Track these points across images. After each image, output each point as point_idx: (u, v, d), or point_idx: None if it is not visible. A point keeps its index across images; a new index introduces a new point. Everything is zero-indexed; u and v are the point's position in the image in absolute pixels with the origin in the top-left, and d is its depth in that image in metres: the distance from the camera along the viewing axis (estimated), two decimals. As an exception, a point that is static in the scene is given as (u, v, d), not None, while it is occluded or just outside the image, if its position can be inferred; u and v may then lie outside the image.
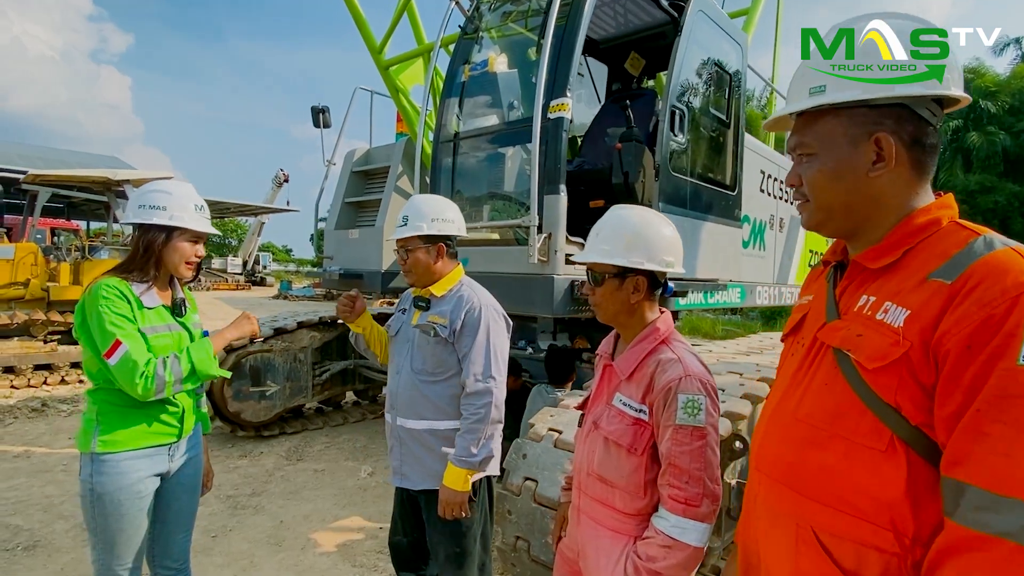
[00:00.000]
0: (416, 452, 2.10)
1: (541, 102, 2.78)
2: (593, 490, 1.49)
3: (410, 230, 2.07)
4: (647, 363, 1.45)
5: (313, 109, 5.69)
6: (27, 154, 26.23)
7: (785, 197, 5.54)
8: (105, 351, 1.72)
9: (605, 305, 1.51)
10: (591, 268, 1.51)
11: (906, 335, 0.87)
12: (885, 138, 0.95)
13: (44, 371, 7.55)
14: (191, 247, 1.92)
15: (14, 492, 4.07)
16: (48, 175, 8.59)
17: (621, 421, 1.43)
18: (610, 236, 1.48)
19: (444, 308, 2.09)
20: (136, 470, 1.81)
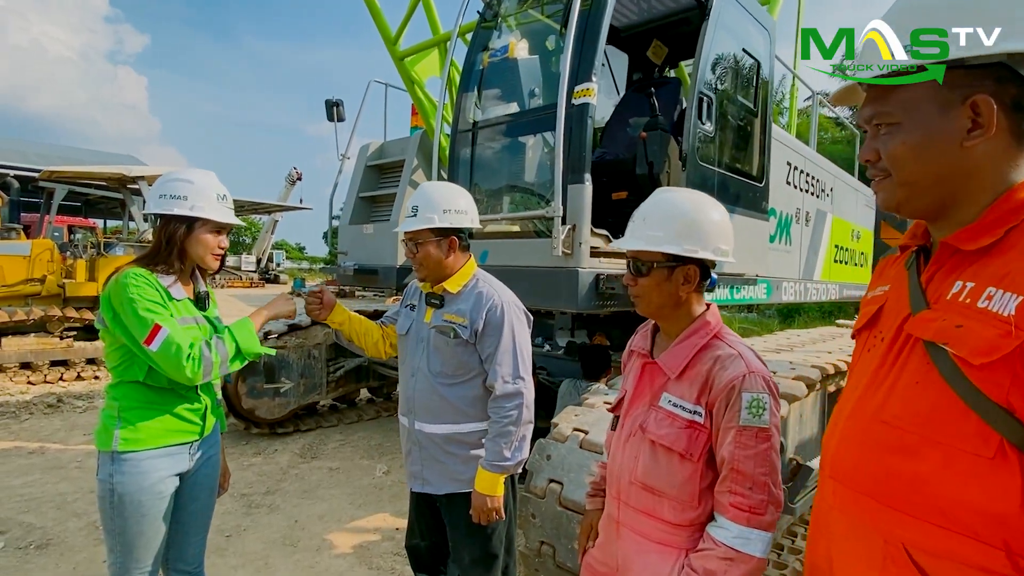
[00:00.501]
0: (437, 456, 1.99)
1: (566, 87, 2.66)
2: (637, 500, 1.36)
3: (420, 222, 1.92)
4: (701, 360, 1.32)
5: (327, 103, 5.60)
6: (46, 153, 26.58)
7: (811, 190, 5.37)
8: (144, 338, 1.64)
9: (649, 297, 1.37)
10: (635, 256, 1.37)
11: (1019, 324, 0.75)
12: (985, 100, 0.82)
13: (60, 367, 7.58)
14: (214, 238, 1.86)
15: (28, 489, 4.03)
16: (63, 171, 8.60)
17: (672, 424, 1.31)
18: (661, 221, 1.34)
19: (462, 306, 1.96)
20: (157, 469, 1.74)
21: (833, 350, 3.73)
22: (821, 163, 5.72)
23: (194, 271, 1.94)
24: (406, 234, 1.95)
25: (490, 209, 3.35)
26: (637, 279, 1.38)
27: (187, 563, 1.94)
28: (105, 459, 1.74)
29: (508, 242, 3.18)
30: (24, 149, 26.00)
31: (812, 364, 3.00)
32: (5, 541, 3.26)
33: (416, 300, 2.13)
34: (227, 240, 1.92)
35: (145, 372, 1.73)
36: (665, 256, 1.33)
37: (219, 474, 2.03)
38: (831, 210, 5.93)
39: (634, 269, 1.38)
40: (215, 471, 1.98)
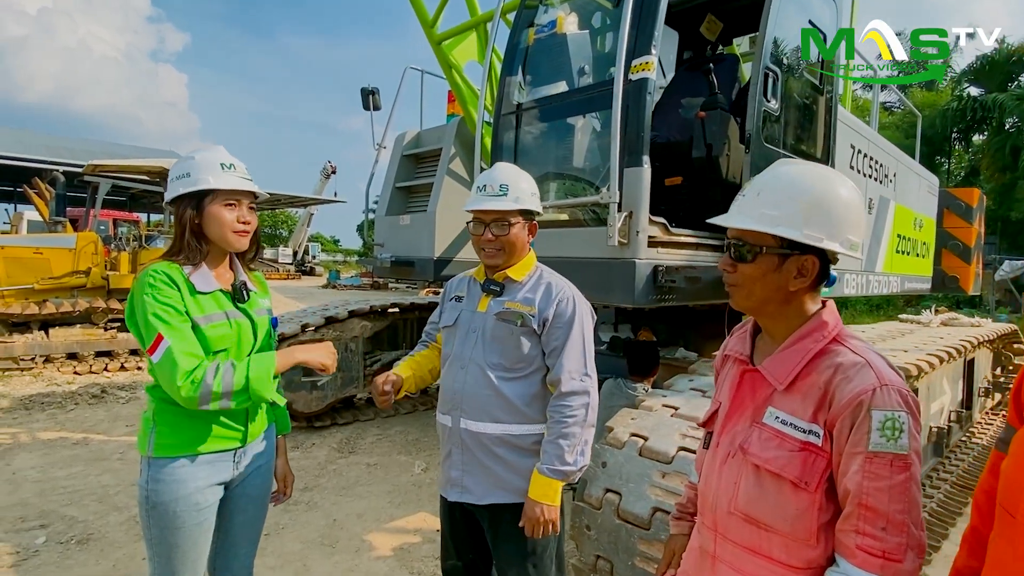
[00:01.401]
0: (483, 461, 1.79)
1: (624, 60, 2.43)
2: (738, 534, 1.15)
3: (512, 202, 1.76)
4: (817, 368, 1.09)
5: (363, 91, 5.48)
6: (92, 150, 27.46)
7: (875, 175, 5.00)
8: (148, 346, 1.50)
9: (750, 288, 1.14)
10: (739, 237, 1.14)
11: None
12: None
13: (104, 357, 7.72)
14: (229, 211, 1.62)
15: (71, 481, 4.04)
16: (106, 165, 8.75)
17: (781, 446, 1.09)
18: (780, 199, 1.10)
19: (528, 296, 1.80)
20: (195, 478, 1.59)
21: (908, 348, 3.42)
22: (884, 146, 5.33)
23: (232, 259, 1.75)
24: (488, 214, 1.77)
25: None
26: (737, 265, 1.14)
27: (233, 575, 1.80)
28: (143, 464, 1.61)
29: (556, 231, 2.96)
30: (72, 147, 26.95)
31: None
32: (47, 535, 3.25)
33: (463, 291, 1.95)
34: (251, 214, 1.68)
35: None
36: (778, 241, 1.09)
37: (270, 482, 1.87)
38: (894, 197, 5.54)
39: (735, 253, 1.14)
40: (266, 480, 1.82)
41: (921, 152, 21.10)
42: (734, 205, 1.17)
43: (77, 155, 24.02)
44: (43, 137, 27.50)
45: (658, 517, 2.03)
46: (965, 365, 4.76)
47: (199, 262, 1.63)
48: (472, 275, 1.96)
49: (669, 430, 2.28)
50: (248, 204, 1.68)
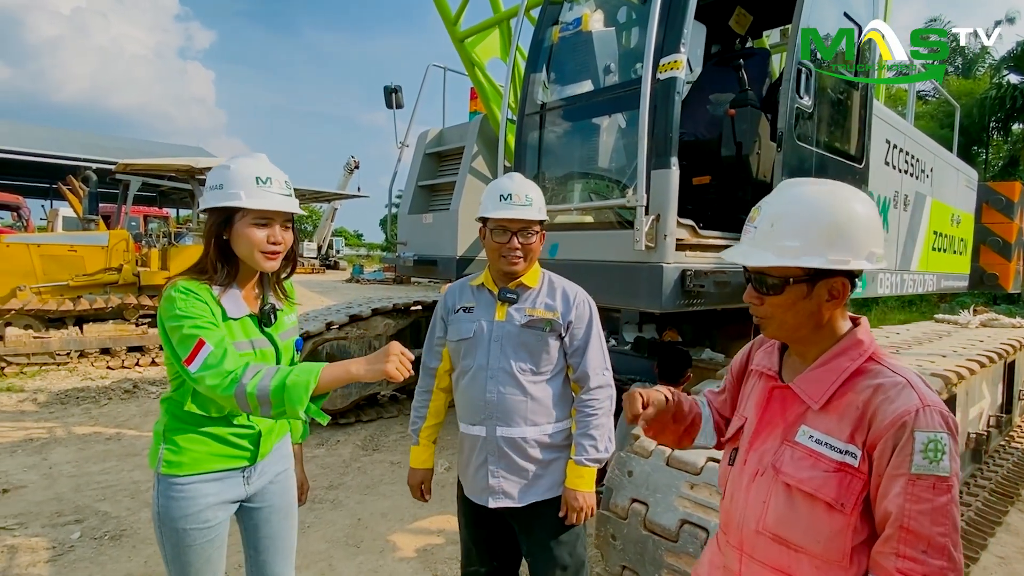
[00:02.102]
0: (520, 464, 1.83)
1: (651, 59, 2.37)
2: (765, 554, 1.12)
3: (537, 212, 1.84)
4: (854, 388, 1.06)
5: (386, 89, 5.47)
6: (125, 147, 28.14)
7: (910, 171, 4.83)
8: (186, 357, 1.40)
9: (782, 318, 1.11)
10: (762, 271, 1.10)
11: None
12: None
13: (136, 352, 7.91)
14: (260, 231, 1.50)
15: (105, 476, 4.14)
16: (136, 164, 8.92)
17: (816, 466, 1.06)
18: (797, 228, 1.06)
19: (548, 302, 1.85)
20: (204, 495, 1.55)
21: (947, 352, 3.30)
22: (921, 140, 5.15)
23: (263, 278, 1.66)
24: (514, 222, 1.79)
25: (560, 198, 3.09)
26: (764, 298, 1.11)
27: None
28: (155, 480, 1.58)
29: (581, 234, 2.92)
30: (104, 144, 27.60)
31: (932, 372, 2.62)
32: (81, 530, 3.33)
33: (470, 302, 1.92)
34: (285, 233, 1.55)
35: (191, 394, 1.54)
36: (804, 270, 1.06)
37: (293, 492, 1.82)
38: (930, 192, 5.35)
39: (761, 287, 1.11)
40: (287, 491, 1.77)
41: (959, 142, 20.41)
42: (746, 237, 1.12)
43: (110, 152, 24.60)
44: (78, 135, 28.25)
45: (686, 529, 1.99)
46: (1005, 368, 4.59)
47: (228, 283, 1.54)
48: (473, 284, 1.95)
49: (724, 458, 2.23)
50: (282, 223, 1.56)
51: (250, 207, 1.48)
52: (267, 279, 1.67)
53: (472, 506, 1.94)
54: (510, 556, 2.00)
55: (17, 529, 3.34)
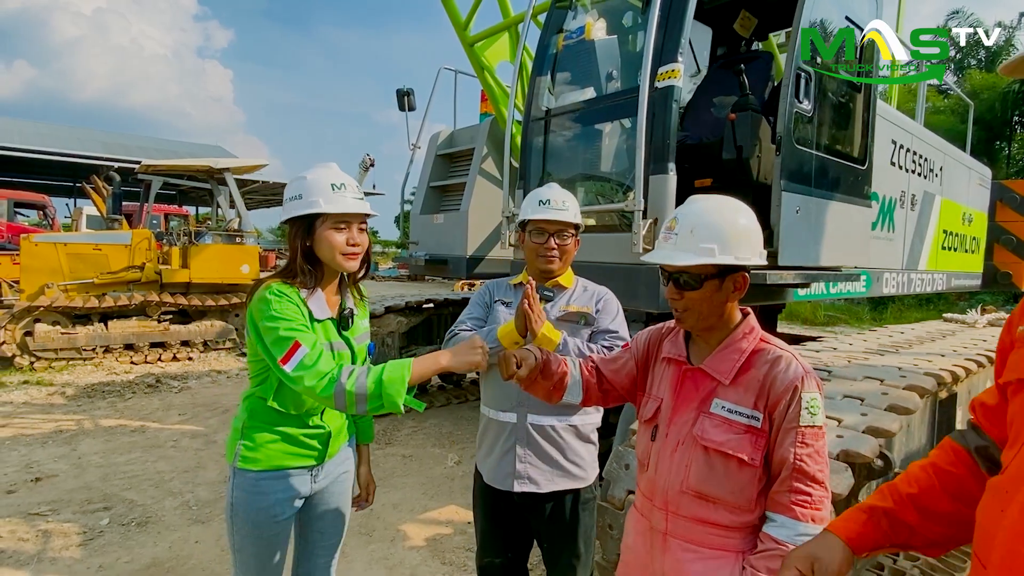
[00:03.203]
0: (548, 451, 1.94)
1: (649, 68, 2.45)
2: (688, 509, 1.34)
3: (573, 216, 1.99)
4: (754, 364, 1.32)
5: (398, 92, 5.60)
6: (144, 146, 28.67)
7: (918, 170, 4.85)
8: (281, 357, 1.48)
9: (700, 309, 1.34)
10: (683, 270, 1.31)
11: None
12: None
13: (158, 348, 8.16)
14: (340, 234, 1.60)
15: (131, 466, 4.33)
16: (158, 165, 9.17)
17: (729, 431, 1.30)
18: (712, 233, 1.30)
19: (579, 298, 2.01)
20: (275, 491, 1.65)
21: (946, 352, 3.34)
22: (929, 139, 5.15)
23: (342, 282, 1.75)
24: (551, 224, 1.94)
25: (564, 200, 3.19)
26: (684, 293, 1.34)
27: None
28: (230, 473, 1.68)
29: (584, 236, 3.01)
30: (126, 142, 28.15)
31: (926, 371, 2.68)
32: (110, 517, 3.51)
33: (509, 297, 2.06)
34: (362, 235, 1.66)
35: (274, 391, 1.63)
36: (716, 267, 1.30)
37: (349, 492, 1.89)
38: (940, 191, 5.35)
39: (681, 284, 1.33)
40: (344, 491, 1.86)
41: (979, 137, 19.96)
42: (666, 243, 1.34)
43: (131, 151, 25.12)
44: (100, 134, 28.82)
45: (679, 520, 2.08)
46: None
47: (315, 287, 1.63)
48: (513, 283, 2.08)
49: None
50: (359, 225, 1.66)
51: (329, 211, 1.58)
52: (345, 283, 1.76)
53: (491, 497, 2.03)
54: (523, 547, 2.10)
55: (50, 515, 3.53)
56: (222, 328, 8.70)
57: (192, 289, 8.65)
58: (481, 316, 2.07)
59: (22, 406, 5.85)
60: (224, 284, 8.81)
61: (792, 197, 2.97)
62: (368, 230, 1.74)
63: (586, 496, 2.00)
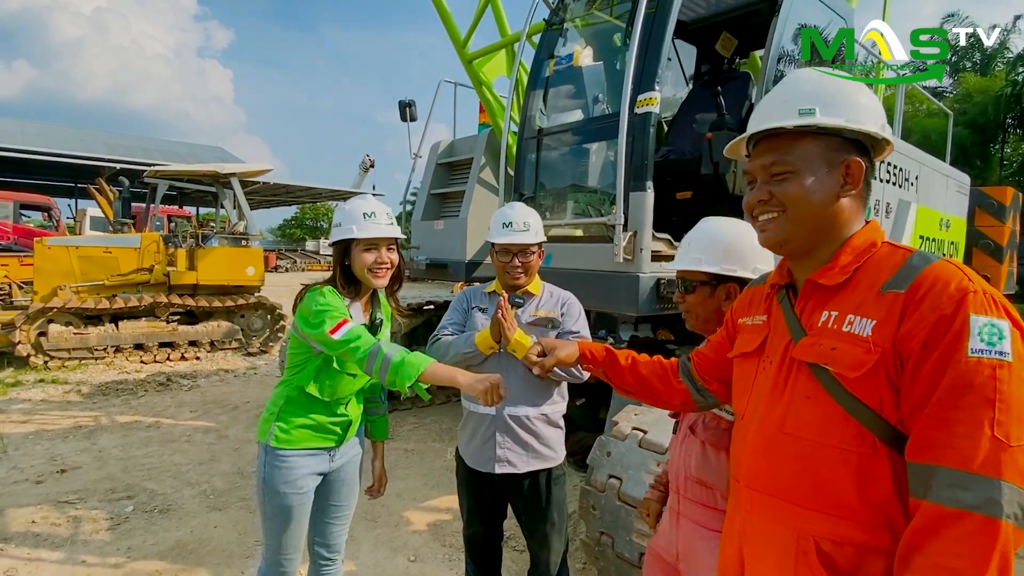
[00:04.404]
0: (523, 438, 2.21)
1: (628, 96, 2.73)
2: (693, 493, 1.55)
3: (534, 236, 2.23)
4: None
5: (400, 103, 5.85)
6: (146, 146, 28.91)
7: (893, 180, 5.12)
8: (331, 328, 1.79)
9: (696, 311, 1.59)
10: (682, 276, 1.60)
11: (875, 342, 0.96)
12: (858, 164, 1.06)
13: (167, 348, 8.42)
14: (368, 255, 1.93)
15: (149, 459, 4.60)
16: (166, 170, 9.43)
17: (718, 426, 1.51)
18: (703, 245, 1.56)
19: (546, 303, 2.26)
20: (300, 467, 1.95)
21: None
22: (905, 150, 5.41)
23: (374, 296, 2.09)
24: (514, 245, 2.19)
25: (554, 213, 3.47)
26: (685, 296, 1.61)
27: (328, 549, 2.18)
28: (261, 450, 1.98)
29: (571, 246, 3.30)
30: (128, 143, 28.40)
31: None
32: (134, 505, 3.78)
33: (484, 304, 2.33)
34: (390, 255, 1.96)
35: (310, 380, 1.93)
36: (707, 275, 1.54)
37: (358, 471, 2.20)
38: (915, 199, 5.61)
39: (683, 287, 1.61)
40: (354, 470, 2.18)
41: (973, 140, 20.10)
42: (679, 253, 1.61)
43: (133, 152, 25.38)
44: (102, 135, 29.04)
45: (652, 500, 2.36)
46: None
47: (353, 297, 1.98)
48: (487, 291, 2.35)
49: (666, 425, 2.58)
50: (387, 246, 1.96)
51: (359, 237, 1.91)
52: (376, 295, 2.09)
53: (474, 479, 2.32)
54: (499, 516, 2.41)
55: (77, 503, 3.80)
56: (228, 328, 8.97)
57: (199, 291, 8.91)
58: (460, 321, 2.35)
59: (40, 403, 6.12)
60: (230, 286, 9.07)
61: (763, 210, 3.24)
62: (399, 248, 2.05)
63: (557, 473, 2.29)
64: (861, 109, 1.07)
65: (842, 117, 1.05)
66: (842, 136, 1.06)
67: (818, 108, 1.06)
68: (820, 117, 1.05)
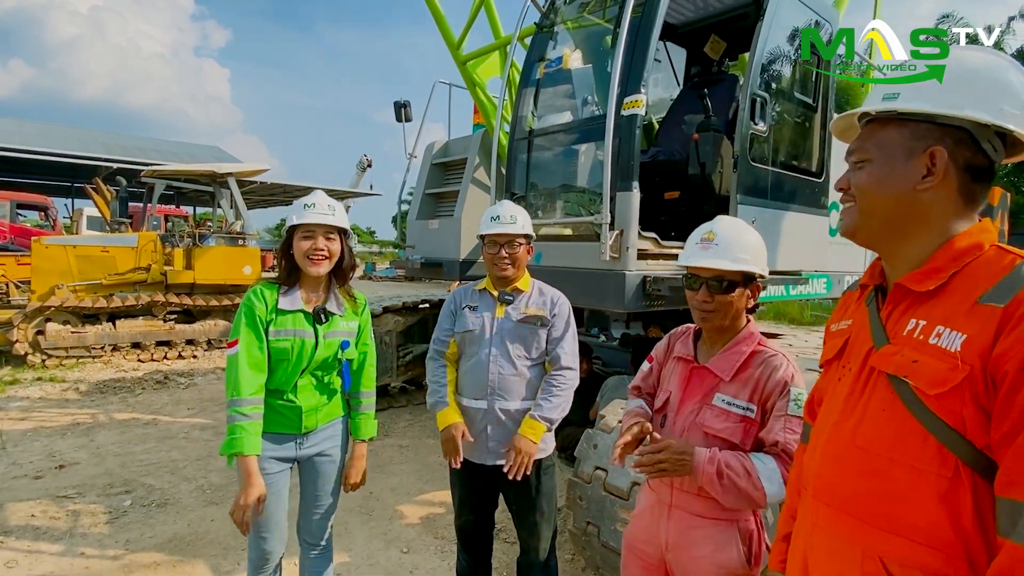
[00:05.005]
0: (513, 430, 2.27)
1: (615, 99, 2.80)
2: (691, 485, 1.58)
3: (521, 227, 2.30)
4: (752, 364, 1.58)
5: (396, 104, 5.92)
6: (143, 146, 28.89)
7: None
8: (229, 342, 2.01)
9: (726, 311, 1.59)
10: (719, 275, 1.57)
11: (964, 359, 0.87)
12: (940, 152, 0.95)
13: (164, 347, 8.48)
14: (306, 242, 2.03)
15: (147, 455, 4.66)
16: (163, 170, 9.48)
17: (727, 419, 1.56)
18: (743, 246, 1.58)
19: (535, 301, 2.32)
20: (264, 450, 2.04)
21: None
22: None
23: (329, 284, 2.16)
24: (501, 236, 2.26)
25: (544, 212, 3.55)
26: (715, 296, 1.58)
27: (311, 536, 2.28)
28: None
29: (560, 244, 3.37)
30: (125, 143, 28.36)
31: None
32: (132, 499, 3.85)
33: (475, 302, 2.39)
34: (330, 244, 2.05)
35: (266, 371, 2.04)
36: (743, 276, 1.58)
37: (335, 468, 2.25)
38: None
39: (714, 287, 1.58)
40: (330, 465, 2.24)
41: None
42: (705, 252, 1.59)
43: (130, 152, 25.35)
44: (100, 134, 29.00)
45: (635, 490, 2.43)
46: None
47: (293, 285, 2.08)
48: (477, 288, 2.42)
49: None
50: (325, 235, 2.05)
51: (297, 223, 2.03)
52: (332, 287, 2.16)
53: (466, 470, 2.37)
54: (491, 507, 2.48)
55: (77, 497, 3.86)
56: (225, 327, 9.02)
57: (196, 290, 8.96)
58: (450, 327, 2.43)
59: (38, 401, 6.18)
60: (227, 285, 9.12)
61: (748, 209, 3.32)
62: (344, 239, 2.13)
63: (546, 464, 2.35)
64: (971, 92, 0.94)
65: (928, 102, 0.95)
66: (934, 123, 0.96)
67: (902, 92, 0.98)
68: (900, 102, 0.97)
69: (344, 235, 2.13)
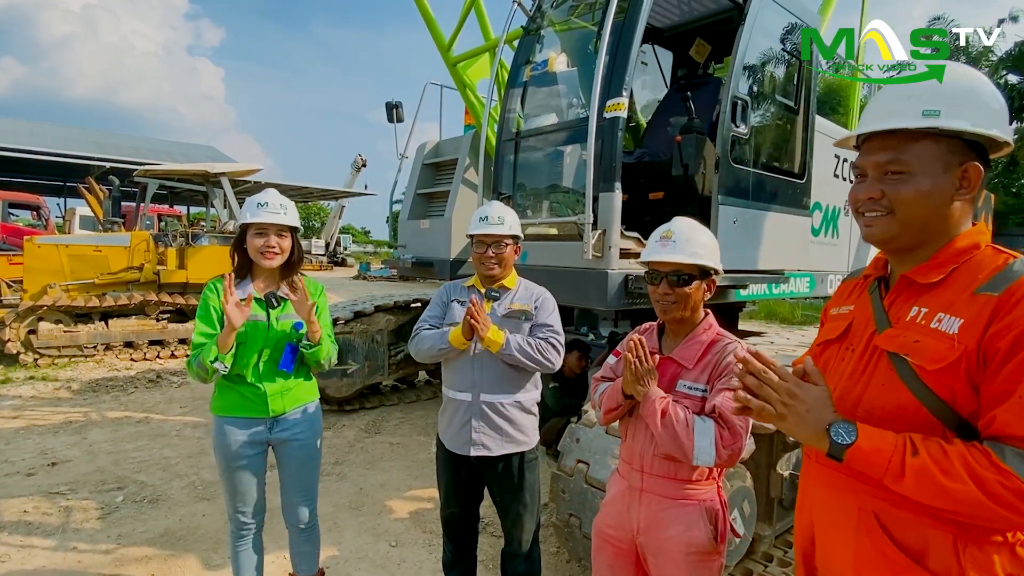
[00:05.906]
0: (497, 423, 2.34)
1: (597, 102, 2.87)
2: (661, 469, 1.70)
3: (508, 228, 2.37)
4: (711, 352, 1.71)
5: (387, 105, 5.98)
6: (137, 146, 28.82)
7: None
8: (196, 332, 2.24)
9: (686, 302, 1.71)
10: (678, 269, 1.70)
11: (960, 340, 1.01)
12: (976, 169, 1.07)
13: (157, 346, 8.49)
14: (258, 239, 2.19)
15: (139, 453, 4.70)
16: (156, 170, 9.50)
17: (691, 404, 1.67)
18: (702, 242, 1.73)
19: (521, 297, 2.39)
20: (232, 433, 2.22)
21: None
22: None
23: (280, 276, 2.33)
24: (489, 236, 2.34)
25: (531, 211, 3.62)
26: (675, 289, 1.71)
27: (292, 518, 2.44)
28: None
29: (545, 244, 3.44)
30: (118, 142, 28.29)
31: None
32: (124, 495, 3.89)
33: (463, 297, 2.46)
34: (282, 241, 2.21)
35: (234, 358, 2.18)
36: (699, 270, 1.71)
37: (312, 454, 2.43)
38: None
39: (677, 280, 1.71)
40: (306, 451, 2.39)
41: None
42: (665, 248, 1.72)
43: (124, 151, 25.29)
44: (93, 134, 28.93)
45: (616, 482, 2.50)
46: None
47: (245, 276, 2.29)
48: (466, 285, 2.48)
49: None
50: (277, 232, 2.21)
51: (250, 222, 2.19)
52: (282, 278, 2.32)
53: (451, 460, 2.45)
54: (476, 499, 2.54)
55: (69, 494, 3.90)
56: (218, 326, 9.03)
57: (189, 289, 8.97)
58: (439, 314, 2.49)
59: (31, 399, 6.20)
60: (220, 284, 9.13)
61: (729, 209, 3.40)
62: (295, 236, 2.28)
63: (529, 456, 2.42)
64: (988, 112, 1.06)
65: (967, 120, 1.05)
66: (962, 138, 1.06)
67: (943, 109, 1.05)
68: (943, 119, 1.05)
69: (295, 232, 2.29)
